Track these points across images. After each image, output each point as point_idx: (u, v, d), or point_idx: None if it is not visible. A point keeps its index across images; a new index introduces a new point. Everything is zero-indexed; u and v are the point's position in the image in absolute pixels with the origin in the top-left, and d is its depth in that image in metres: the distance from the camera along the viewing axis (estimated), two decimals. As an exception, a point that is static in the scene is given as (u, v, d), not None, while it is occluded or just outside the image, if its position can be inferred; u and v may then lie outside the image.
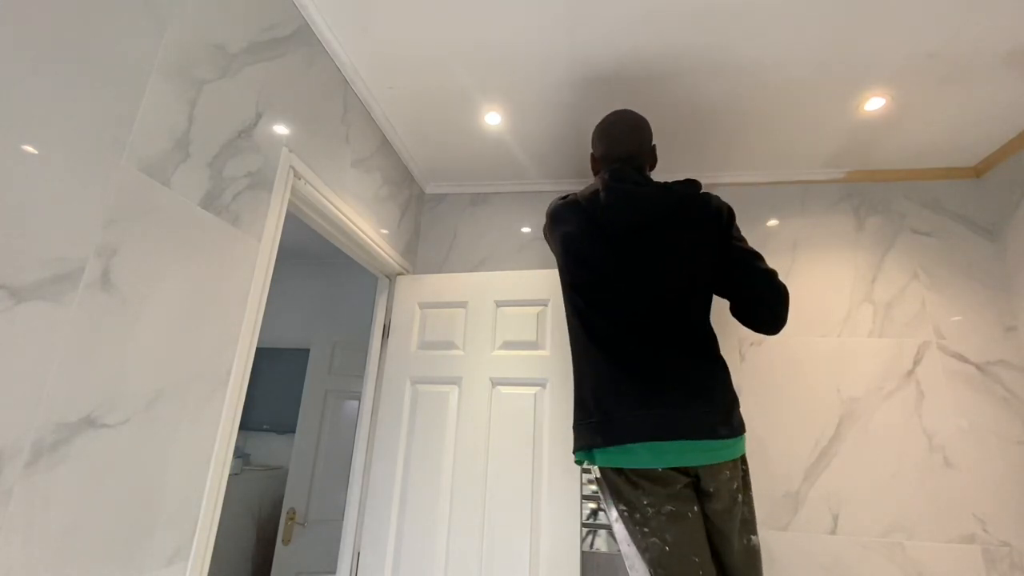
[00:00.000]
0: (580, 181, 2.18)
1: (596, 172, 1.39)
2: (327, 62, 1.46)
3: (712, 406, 1.07)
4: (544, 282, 1.84)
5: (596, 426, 1.09)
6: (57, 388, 0.72)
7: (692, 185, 1.25)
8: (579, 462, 1.18)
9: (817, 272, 1.92)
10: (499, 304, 1.86)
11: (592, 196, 1.26)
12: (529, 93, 1.66)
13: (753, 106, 1.65)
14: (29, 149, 0.68)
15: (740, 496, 1.07)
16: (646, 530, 1.01)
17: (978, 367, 1.73)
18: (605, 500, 1.14)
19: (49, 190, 0.70)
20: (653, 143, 1.36)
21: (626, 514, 1.04)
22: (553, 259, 2.12)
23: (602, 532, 1.60)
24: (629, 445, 1.04)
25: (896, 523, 1.63)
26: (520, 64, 1.53)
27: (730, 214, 1.24)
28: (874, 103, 1.61)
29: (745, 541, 1.06)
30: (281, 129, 1.24)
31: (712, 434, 1.04)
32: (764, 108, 1.66)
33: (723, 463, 1.05)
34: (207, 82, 0.99)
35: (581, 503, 1.57)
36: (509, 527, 1.60)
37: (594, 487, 1.50)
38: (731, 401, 1.11)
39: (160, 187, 0.88)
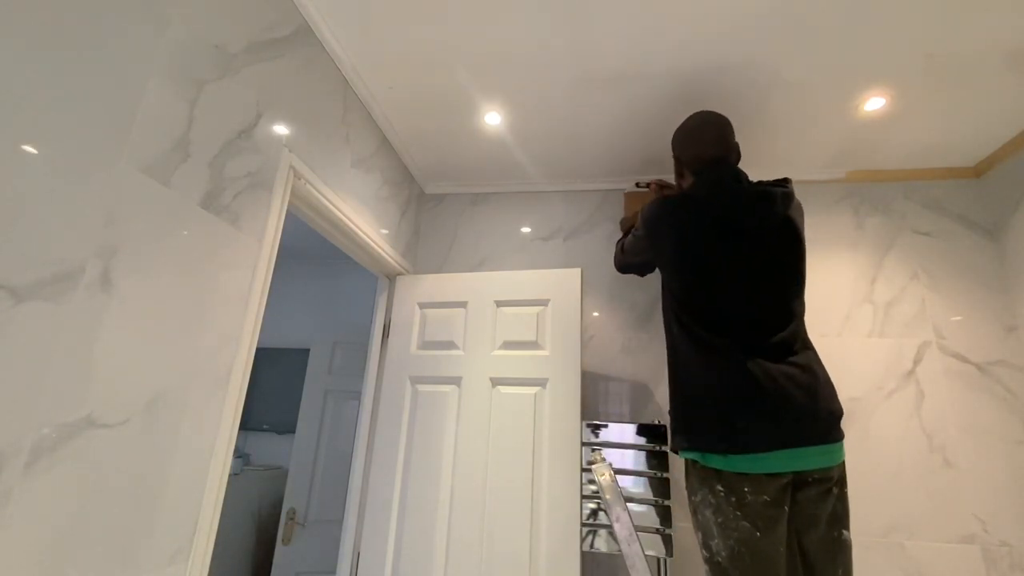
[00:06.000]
0: (580, 181, 2.18)
1: (680, 176, 1.43)
2: (327, 62, 1.46)
3: (829, 411, 1.13)
4: (544, 282, 1.84)
5: (719, 432, 1.11)
6: (57, 388, 0.72)
7: (790, 184, 1.28)
8: (683, 455, 1.21)
9: (817, 272, 1.91)
10: (499, 304, 1.86)
11: (712, 195, 1.26)
12: (529, 93, 1.66)
13: (753, 106, 1.65)
14: (29, 149, 0.68)
15: (836, 490, 1.12)
16: (739, 513, 1.05)
17: (978, 367, 1.73)
18: (692, 483, 1.17)
19: (49, 190, 0.70)
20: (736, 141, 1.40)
21: (722, 494, 1.07)
22: (553, 259, 2.14)
23: (602, 532, 1.60)
24: (759, 455, 1.07)
25: (896, 523, 1.63)
26: (520, 64, 1.53)
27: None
28: (874, 103, 1.61)
29: (836, 534, 1.10)
30: (281, 129, 1.24)
31: (829, 438, 1.11)
32: (764, 108, 1.66)
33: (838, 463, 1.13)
34: (207, 82, 0.99)
35: (581, 503, 1.57)
36: (509, 527, 1.60)
37: (594, 487, 1.50)
38: (840, 405, 1.17)
39: (160, 187, 0.88)
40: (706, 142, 1.35)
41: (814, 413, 1.10)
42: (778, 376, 1.10)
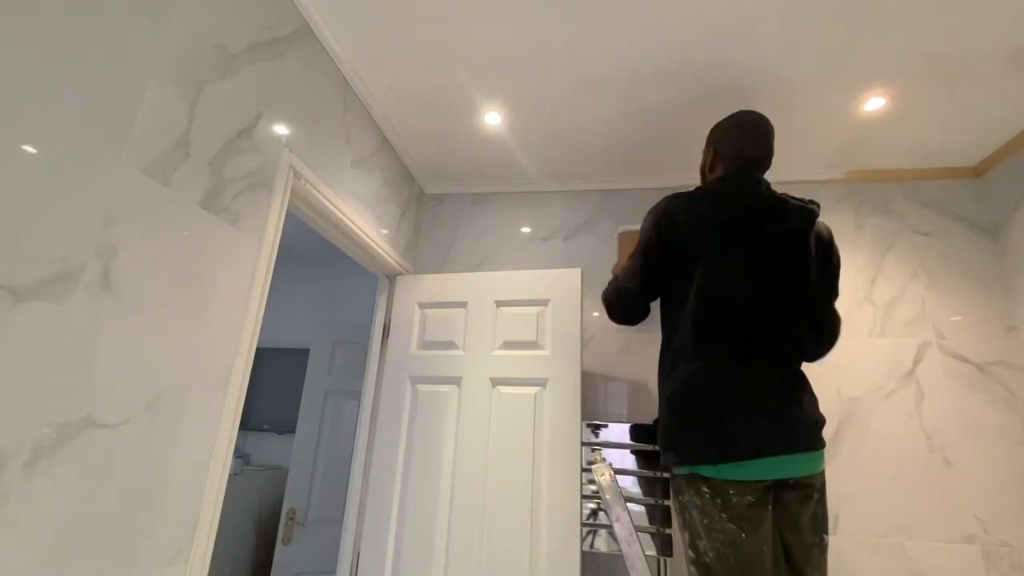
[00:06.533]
0: (580, 181, 2.18)
1: (711, 169, 1.37)
2: (327, 62, 1.46)
3: (813, 421, 1.15)
4: (544, 282, 1.84)
5: (708, 437, 1.11)
6: (57, 388, 0.72)
7: (815, 205, 1.27)
8: (677, 471, 1.18)
9: (817, 272, 1.92)
10: (499, 304, 1.86)
11: (738, 195, 1.24)
12: (529, 93, 1.66)
13: (753, 106, 1.64)
14: (29, 149, 0.68)
15: (817, 496, 1.13)
16: (724, 515, 1.05)
17: (978, 367, 1.73)
18: (679, 483, 1.17)
19: (49, 190, 0.70)
20: None
21: (708, 496, 1.08)
22: (553, 259, 2.14)
23: (602, 532, 1.60)
24: (747, 462, 1.08)
25: (896, 523, 1.63)
26: (520, 64, 1.52)
27: (835, 248, 1.32)
28: (874, 103, 1.61)
29: (817, 538, 1.12)
30: (281, 129, 1.24)
31: (812, 446, 1.12)
32: (765, 108, 1.65)
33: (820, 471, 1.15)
34: (207, 82, 0.99)
35: (581, 503, 1.57)
36: (509, 527, 1.60)
37: (594, 487, 1.50)
38: (822, 415, 1.18)
39: (160, 187, 0.88)
40: (752, 140, 1.31)
41: (801, 422, 1.12)
42: (770, 384, 1.12)
